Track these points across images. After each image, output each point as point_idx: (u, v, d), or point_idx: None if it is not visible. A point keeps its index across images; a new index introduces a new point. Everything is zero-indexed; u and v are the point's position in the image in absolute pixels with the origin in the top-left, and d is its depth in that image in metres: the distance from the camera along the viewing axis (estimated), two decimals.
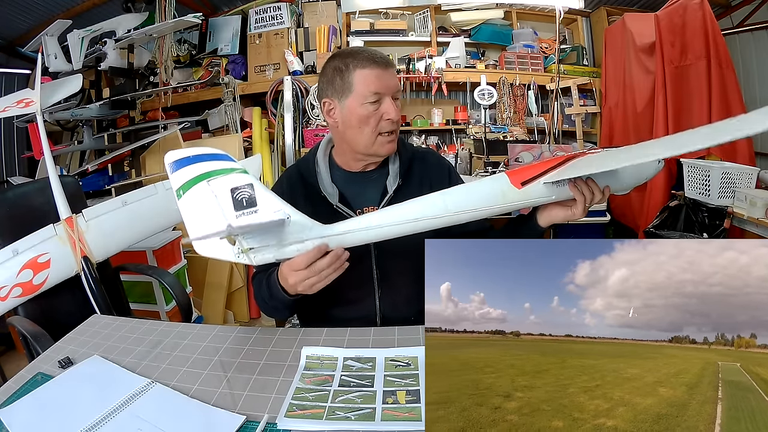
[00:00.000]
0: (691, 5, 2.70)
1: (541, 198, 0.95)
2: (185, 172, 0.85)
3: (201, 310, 2.77)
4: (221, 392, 0.81)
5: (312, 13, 3.72)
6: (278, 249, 0.90)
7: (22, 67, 3.43)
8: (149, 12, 3.22)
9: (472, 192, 0.94)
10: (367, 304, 1.14)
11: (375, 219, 0.92)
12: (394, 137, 1.08)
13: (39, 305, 1.53)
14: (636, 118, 3.11)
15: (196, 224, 0.86)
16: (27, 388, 0.84)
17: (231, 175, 0.85)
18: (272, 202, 0.88)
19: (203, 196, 0.85)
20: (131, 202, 1.77)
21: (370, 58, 1.04)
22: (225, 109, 3.43)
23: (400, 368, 0.85)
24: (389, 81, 1.04)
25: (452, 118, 3.78)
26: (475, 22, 3.76)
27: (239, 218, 0.85)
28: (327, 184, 1.13)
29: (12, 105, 1.91)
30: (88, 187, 3.10)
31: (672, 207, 2.55)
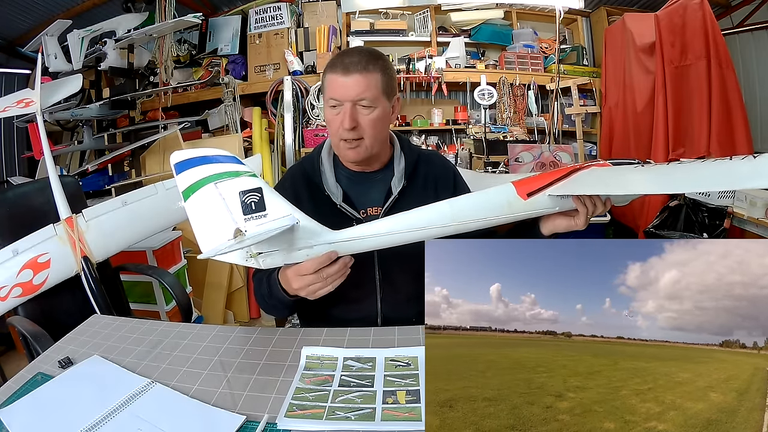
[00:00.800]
0: (691, 5, 2.70)
1: (545, 209, 0.97)
2: (192, 174, 0.84)
3: (201, 310, 2.77)
4: (221, 392, 0.81)
5: (312, 13, 3.71)
6: (287, 254, 0.90)
7: (22, 67, 3.43)
8: (149, 12, 3.22)
9: (479, 201, 0.95)
10: (368, 304, 1.14)
11: (383, 226, 0.93)
12: (355, 144, 1.05)
13: (39, 305, 1.53)
14: (636, 118, 3.11)
15: (203, 228, 0.85)
16: (27, 388, 0.84)
17: (240, 179, 0.84)
18: (281, 206, 0.87)
19: (211, 199, 0.84)
20: (131, 202, 1.77)
21: (338, 62, 1.03)
22: (225, 109, 3.43)
23: (400, 368, 0.85)
24: (349, 89, 1.01)
25: (452, 118, 3.78)
26: (475, 22, 3.76)
27: (248, 222, 0.84)
28: (331, 183, 1.13)
29: (12, 105, 1.91)
30: (88, 187, 3.10)
31: (672, 207, 2.55)
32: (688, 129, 2.79)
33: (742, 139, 2.71)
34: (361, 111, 1.03)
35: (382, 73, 1.04)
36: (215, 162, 0.84)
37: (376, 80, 1.03)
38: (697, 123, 2.75)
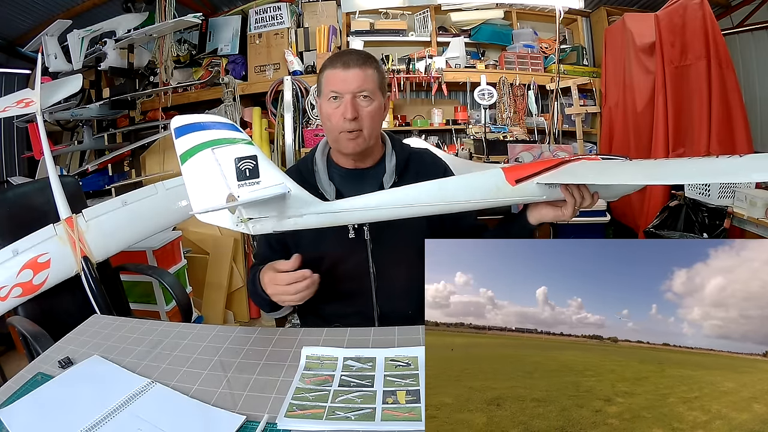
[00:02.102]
0: (691, 5, 2.70)
1: (533, 196, 0.98)
2: (190, 139, 0.86)
3: (201, 310, 2.77)
4: (221, 392, 0.81)
5: (312, 13, 3.71)
6: (277, 221, 0.92)
7: (22, 67, 3.43)
8: (149, 12, 3.22)
9: (467, 183, 0.97)
10: (363, 298, 1.17)
11: (373, 199, 0.95)
12: (355, 135, 1.09)
13: (39, 305, 1.53)
14: (636, 118, 3.10)
15: (197, 191, 0.87)
16: (27, 388, 0.84)
17: (236, 146, 0.86)
18: (275, 174, 0.89)
19: (207, 163, 0.86)
20: (131, 202, 1.77)
21: (337, 58, 1.10)
22: (225, 109, 3.43)
23: (400, 368, 0.85)
24: (350, 81, 1.07)
25: (452, 118, 3.77)
26: (475, 22, 3.76)
27: (241, 188, 0.86)
28: (324, 181, 1.17)
29: (12, 105, 1.91)
30: (88, 187, 3.10)
31: (672, 207, 2.55)
32: (688, 129, 2.79)
33: (742, 139, 2.71)
34: (361, 103, 1.08)
35: (376, 70, 1.11)
36: (214, 128, 0.86)
37: (373, 75, 1.10)
38: (697, 123, 2.74)
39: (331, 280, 1.15)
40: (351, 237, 1.14)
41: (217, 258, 2.92)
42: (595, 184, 0.96)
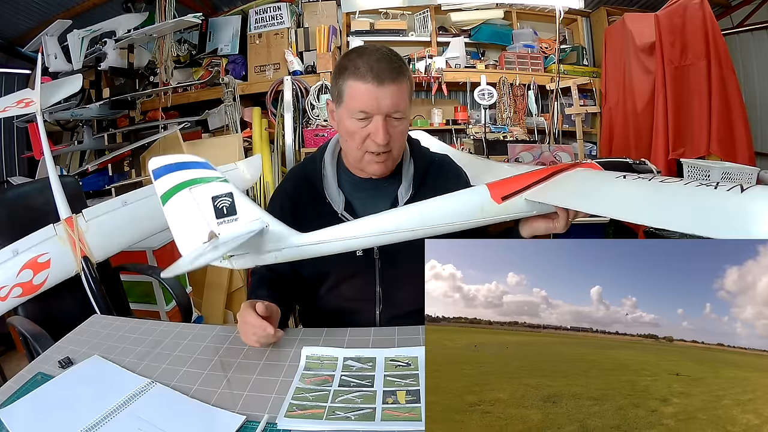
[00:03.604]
0: (691, 5, 2.70)
1: (520, 213, 0.94)
2: (168, 180, 0.87)
3: (201, 310, 2.77)
4: (221, 392, 0.81)
5: (312, 13, 3.71)
6: (257, 256, 0.92)
7: (22, 67, 3.43)
8: (149, 12, 3.22)
9: (449, 205, 0.92)
10: (365, 318, 1.12)
11: (350, 230, 0.92)
12: (384, 158, 1.00)
13: (39, 305, 1.53)
14: (636, 118, 3.10)
15: (181, 230, 0.88)
16: (27, 388, 0.84)
17: (211, 184, 0.87)
18: (251, 210, 0.89)
19: (186, 203, 0.87)
20: (131, 202, 1.77)
21: (366, 68, 0.93)
22: (225, 109, 3.43)
23: (400, 368, 0.85)
24: (383, 100, 0.93)
25: (452, 118, 3.77)
26: (475, 22, 3.76)
27: (221, 225, 0.87)
28: (333, 189, 1.09)
29: (12, 105, 1.91)
30: (88, 187, 3.10)
31: None
32: (688, 129, 2.79)
33: (742, 139, 2.71)
34: (392, 123, 0.97)
35: (408, 78, 0.98)
36: (189, 168, 0.87)
37: (407, 88, 0.97)
38: (697, 123, 2.74)
39: (334, 296, 1.12)
40: (359, 255, 1.05)
41: None
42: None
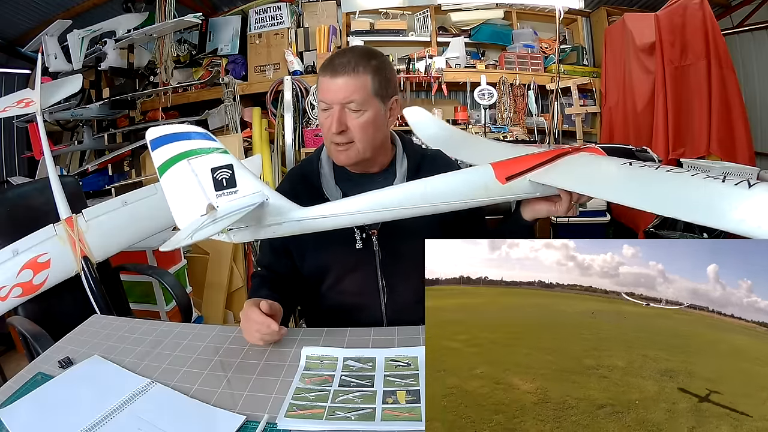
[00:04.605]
0: (691, 5, 2.69)
1: (524, 194, 0.94)
2: (166, 150, 0.85)
3: (201, 310, 2.77)
4: (221, 392, 0.81)
5: (312, 13, 3.71)
6: (257, 229, 0.91)
7: (22, 67, 3.43)
8: (149, 12, 3.22)
9: (454, 183, 0.92)
10: (371, 312, 1.12)
11: (353, 204, 0.91)
12: (346, 147, 1.02)
13: (39, 305, 1.53)
14: (636, 118, 3.10)
15: (178, 202, 0.87)
16: (27, 388, 0.84)
17: (211, 155, 0.85)
18: (251, 182, 0.88)
19: (184, 175, 0.85)
20: (131, 202, 1.77)
21: (328, 63, 1.01)
22: (225, 109, 3.43)
23: (400, 368, 0.85)
24: (336, 92, 0.99)
25: (452, 118, 3.76)
26: (475, 22, 3.76)
27: (219, 198, 0.85)
28: (330, 185, 1.11)
29: (12, 105, 1.91)
30: (88, 187, 3.10)
31: None
32: (688, 129, 2.79)
33: (742, 139, 2.71)
34: (350, 114, 1.00)
35: (374, 74, 1.00)
36: (188, 138, 0.86)
37: (365, 82, 0.99)
38: (697, 123, 2.74)
39: (336, 293, 1.12)
40: (359, 248, 1.07)
41: (217, 258, 2.92)
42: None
